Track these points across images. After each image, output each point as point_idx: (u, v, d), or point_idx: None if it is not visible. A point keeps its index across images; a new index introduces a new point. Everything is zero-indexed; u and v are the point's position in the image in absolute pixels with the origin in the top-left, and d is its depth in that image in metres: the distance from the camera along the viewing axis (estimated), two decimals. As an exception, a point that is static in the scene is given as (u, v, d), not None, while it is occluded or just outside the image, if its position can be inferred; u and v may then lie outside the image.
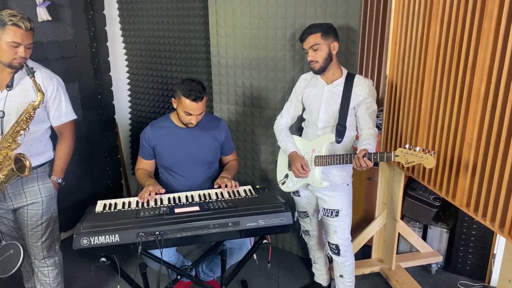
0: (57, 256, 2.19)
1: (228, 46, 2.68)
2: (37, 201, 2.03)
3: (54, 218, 2.14)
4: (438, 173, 1.93)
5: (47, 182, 2.07)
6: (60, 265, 2.21)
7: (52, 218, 2.12)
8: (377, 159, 1.82)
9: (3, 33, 1.72)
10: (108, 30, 3.21)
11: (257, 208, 1.91)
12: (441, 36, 1.83)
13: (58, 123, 2.08)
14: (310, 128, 2.17)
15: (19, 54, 1.77)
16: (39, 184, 2.04)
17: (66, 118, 2.10)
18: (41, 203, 2.04)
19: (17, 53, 1.77)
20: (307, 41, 2.00)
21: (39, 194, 2.04)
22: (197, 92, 2.05)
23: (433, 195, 2.71)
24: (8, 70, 1.85)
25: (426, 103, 1.98)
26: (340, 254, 2.19)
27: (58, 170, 2.12)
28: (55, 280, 2.20)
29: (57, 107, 2.04)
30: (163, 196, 2.07)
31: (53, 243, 2.15)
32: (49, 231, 2.11)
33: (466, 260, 2.66)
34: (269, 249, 2.09)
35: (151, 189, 2.05)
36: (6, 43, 1.74)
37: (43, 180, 2.06)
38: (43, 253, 2.11)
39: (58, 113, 2.06)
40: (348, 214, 2.17)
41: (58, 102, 2.04)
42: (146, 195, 2.01)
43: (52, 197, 2.10)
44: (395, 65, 2.23)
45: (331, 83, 2.08)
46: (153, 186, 2.08)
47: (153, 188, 2.06)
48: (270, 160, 2.78)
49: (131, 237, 1.74)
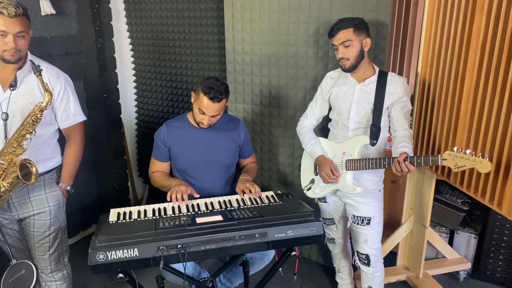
0: (65, 269, 2.03)
1: (245, 41, 2.52)
2: (44, 211, 1.87)
3: (63, 228, 1.98)
4: (480, 178, 1.79)
5: (55, 190, 1.91)
6: (69, 279, 2.06)
7: (60, 229, 1.96)
8: (421, 163, 1.67)
9: None
10: (114, 24, 3.04)
11: (285, 218, 1.77)
12: (487, 29, 1.68)
13: (66, 125, 1.92)
14: (340, 129, 2.02)
15: (9, 44, 1.59)
16: (47, 192, 1.88)
17: (75, 120, 1.94)
18: (49, 213, 1.88)
19: (6, 44, 1.59)
20: (338, 36, 1.85)
21: (46, 203, 1.87)
22: (217, 92, 1.91)
23: (461, 199, 2.57)
24: (10, 67, 1.68)
25: (467, 103, 1.83)
26: (370, 265, 2.05)
27: (67, 177, 1.95)
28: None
29: (64, 107, 1.88)
30: (182, 204, 1.92)
31: (62, 256, 1.99)
32: (57, 242, 1.95)
33: (496, 267, 2.53)
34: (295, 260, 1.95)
35: (183, 189, 1.91)
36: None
37: (50, 187, 1.90)
38: (50, 266, 1.95)
39: (66, 115, 1.89)
40: (380, 222, 2.03)
41: (66, 102, 1.87)
42: (179, 195, 1.88)
43: (60, 206, 1.94)
44: (429, 62, 2.08)
45: (362, 81, 1.93)
46: (185, 187, 1.94)
47: (185, 189, 1.92)
48: (288, 162, 2.63)
49: (151, 251, 1.59)
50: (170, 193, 1.91)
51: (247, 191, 2.00)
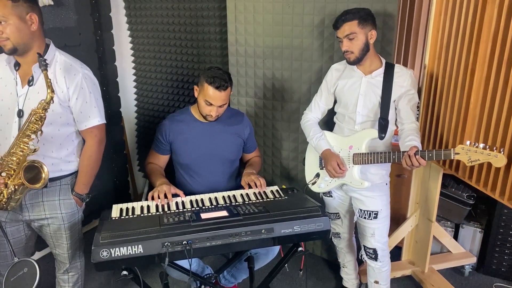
0: (79, 261, 1.97)
1: (248, 33, 2.46)
2: (56, 217, 1.79)
3: (79, 229, 1.92)
4: (490, 172, 1.76)
5: (69, 198, 1.81)
6: (81, 270, 2.00)
7: (77, 230, 1.90)
8: (432, 157, 1.63)
9: None
10: (113, 16, 2.97)
11: (292, 213, 1.74)
12: (499, 20, 1.64)
13: (82, 128, 1.77)
14: (346, 123, 1.98)
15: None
16: (60, 199, 1.79)
17: (91, 123, 1.76)
18: (61, 219, 1.80)
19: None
20: (342, 29, 1.81)
21: (58, 210, 1.79)
22: (222, 80, 1.88)
23: (467, 193, 2.54)
24: (27, 62, 1.61)
25: (477, 95, 1.80)
26: (377, 259, 2.02)
27: (80, 185, 1.83)
28: (75, 284, 2.00)
29: (80, 108, 1.72)
30: (185, 199, 1.89)
31: (78, 249, 1.95)
32: (74, 241, 1.89)
33: (502, 261, 2.51)
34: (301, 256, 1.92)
35: (166, 189, 1.87)
36: None
37: (65, 195, 1.80)
38: (69, 262, 1.91)
39: (82, 116, 1.74)
40: (387, 215, 2.00)
41: (81, 102, 1.71)
42: (161, 195, 1.84)
43: (74, 213, 1.85)
44: (437, 53, 2.04)
45: (369, 73, 1.89)
46: (168, 186, 1.90)
47: (168, 188, 1.88)
48: (292, 157, 2.59)
49: (156, 248, 1.55)
50: (152, 193, 1.87)
51: (253, 184, 1.97)
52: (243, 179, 2.02)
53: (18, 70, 1.65)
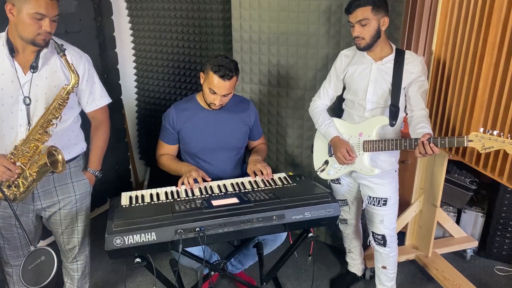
0: (87, 249, 1.99)
1: (252, 19, 2.43)
2: (70, 201, 1.80)
3: (89, 214, 1.93)
4: (498, 158, 1.78)
5: (82, 179, 1.84)
6: (88, 258, 2.02)
7: (88, 214, 1.91)
8: (445, 145, 1.63)
9: (25, 2, 1.44)
10: (113, 1, 2.91)
11: (302, 199, 1.75)
12: (510, 5, 1.63)
13: (93, 108, 1.82)
14: (356, 110, 1.97)
15: (44, 28, 1.49)
16: (73, 181, 1.80)
17: (102, 102, 1.85)
18: (74, 202, 1.82)
19: (42, 27, 1.49)
20: (355, 14, 1.78)
21: (72, 192, 1.80)
22: (227, 69, 1.86)
23: (469, 178, 2.57)
24: (31, 48, 1.57)
25: (486, 81, 1.80)
26: (386, 245, 2.05)
27: (96, 161, 1.88)
28: (83, 273, 2.02)
29: (90, 89, 1.78)
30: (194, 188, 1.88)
31: (86, 237, 1.96)
32: (83, 226, 1.90)
33: (503, 245, 2.56)
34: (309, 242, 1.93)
35: (194, 174, 1.88)
36: (28, 15, 1.45)
37: (77, 176, 1.82)
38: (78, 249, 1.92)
39: (92, 97, 1.80)
40: (396, 202, 2.01)
41: (91, 84, 1.78)
42: (191, 181, 1.85)
43: (87, 194, 1.88)
44: (444, 39, 2.04)
45: (379, 60, 1.88)
46: (196, 171, 1.91)
47: (197, 174, 1.89)
48: (297, 144, 2.59)
49: (169, 235, 1.56)
50: (182, 179, 1.88)
51: (259, 173, 1.97)
52: (249, 167, 2.02)
53: (15, 57, 1.59)
